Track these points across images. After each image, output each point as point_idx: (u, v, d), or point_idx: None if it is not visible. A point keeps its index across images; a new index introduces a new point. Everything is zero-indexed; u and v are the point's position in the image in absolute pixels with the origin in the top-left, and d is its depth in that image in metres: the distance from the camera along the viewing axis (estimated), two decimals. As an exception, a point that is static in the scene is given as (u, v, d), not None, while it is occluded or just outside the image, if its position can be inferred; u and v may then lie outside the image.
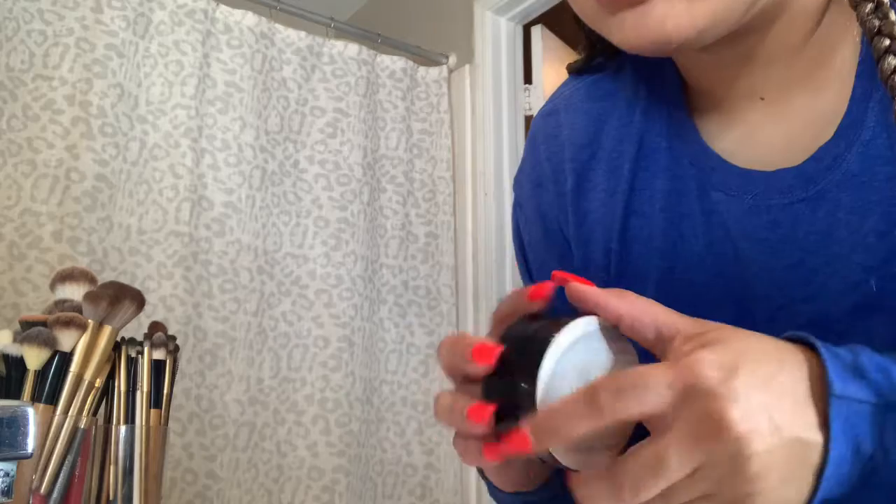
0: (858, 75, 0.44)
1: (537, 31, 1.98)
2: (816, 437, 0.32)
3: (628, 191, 0.53)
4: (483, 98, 1.93)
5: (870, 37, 0.40)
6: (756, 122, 0.49)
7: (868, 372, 0.33)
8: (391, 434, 1.77)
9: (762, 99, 0.48)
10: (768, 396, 0.32)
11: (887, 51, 0.39)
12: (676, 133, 0.52)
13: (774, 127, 0.48)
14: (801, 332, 0.35)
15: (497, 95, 1.93)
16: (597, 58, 0.60)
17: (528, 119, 1.98)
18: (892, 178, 0.42)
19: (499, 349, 0.38)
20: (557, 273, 0.40)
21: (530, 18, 1.99)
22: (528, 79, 2.00)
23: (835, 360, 0.33)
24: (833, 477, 0.32)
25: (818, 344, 0.34)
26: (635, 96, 0.55)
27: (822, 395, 0.32)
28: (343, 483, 1.63)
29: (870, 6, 0.40)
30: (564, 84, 0.62)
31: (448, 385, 0.43)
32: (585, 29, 0.57)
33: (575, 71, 0.61)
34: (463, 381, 0.41)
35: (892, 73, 0.39)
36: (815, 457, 0.32)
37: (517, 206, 0.63)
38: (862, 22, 0.40)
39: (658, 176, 0.52)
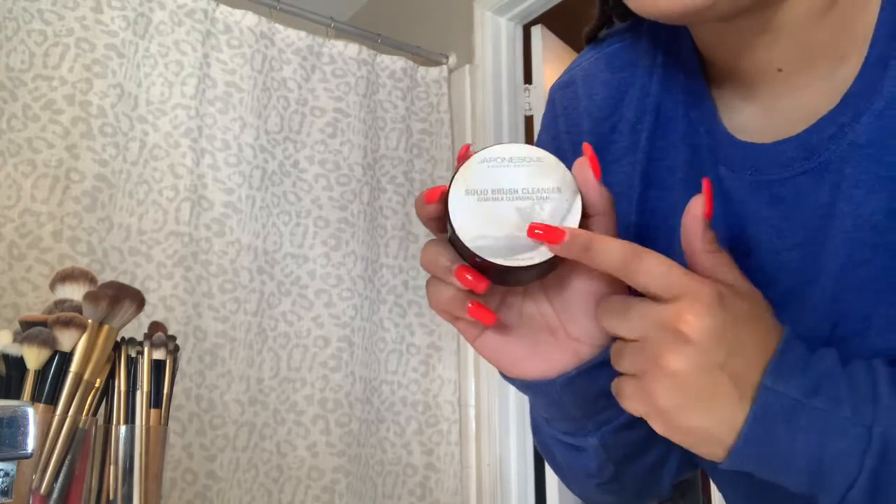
0: (874, 40, 0.42)
1: (537, 31, 1.98)
2: (741, 410, 0.37)
3: (645, 161, 0.52)
4: (483, 98, 1.93)
5: None
6: (774, 94, 0.47)
7: (810, 374, 0.37)
8: (391, 434, 1.77)
9: (780, 70, 0.46)
10: (734, 346, 0.37)
11: None
12: (693, 102, 0.50)
13: (792, 99, 0.46)
14: (782, 320, 0.39)
15: (497, 95, 1.93)
16: (610, 22, 0.58)
17: (528, 119, 1.98)
18: None
19: (443, 188, 0.40)
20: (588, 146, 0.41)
21: (530, 18, 1.99)
22: (528, 79, 2.00)
23: (786, 353, 0.37)
24: (739, 453, 0.37)
25: (785, 336, 0.38)
26: (653, 64, 0.53)
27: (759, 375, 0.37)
28: (343, 483, 1.63)
29: None
30: (582, 54, 0.60)
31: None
32: None
33: (590, 38, 0.59)
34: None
35: None
36: (734, 424, 0.37)
37: None
38: None
39: (677, 145, 0.50)
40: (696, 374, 0.36)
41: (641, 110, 0.53)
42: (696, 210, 0.39)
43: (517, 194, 0.40)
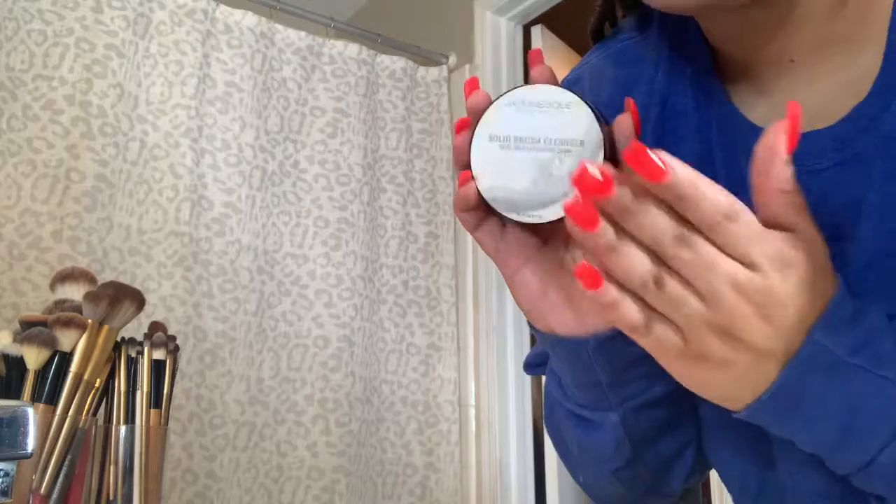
0: (892, 27, 0.41)
1: (537, 31, 1.98)
2: (779, 361, 0.35)
3: None
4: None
5: None
6: (786, 86, 0.46)
7: (856, 332, 0.36)
8: (391, 434, 1.77)
9: (792, 61, 0.45)
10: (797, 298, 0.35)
11: None
12: (705, 97, 0.49)
13: (806, 90, 0.45)
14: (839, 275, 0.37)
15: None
16: (612, 16, 0.57)
17: (528, 119, 1.97)
18: None
19: (469, 120, 0.40)
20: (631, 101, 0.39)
21: (530, 18, 1.99)
22: (527, 79, 2.00)
23: (835, 310, 0.35)
24: (763, 404, 0.36)
25: (839, 290, 0.36)
26: (658, 58, 0.52)
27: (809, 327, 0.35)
28: (343, 483, 1.63)
29: None
30: (591, 52, 0.59)
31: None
32: None
33: (595, 32, 0.59)
34: None
35: None
36: (769, 374, 0.35)
37: None
38: None
39: (686, 139, 0.49)
40: (758, 342, 0.34)
41: (647, 103, 0.52)
42: (775, 142, 0.33)
43: (539, 144, 0.38)
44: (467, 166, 0.40)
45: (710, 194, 0.33)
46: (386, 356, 1.80)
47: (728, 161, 0.47)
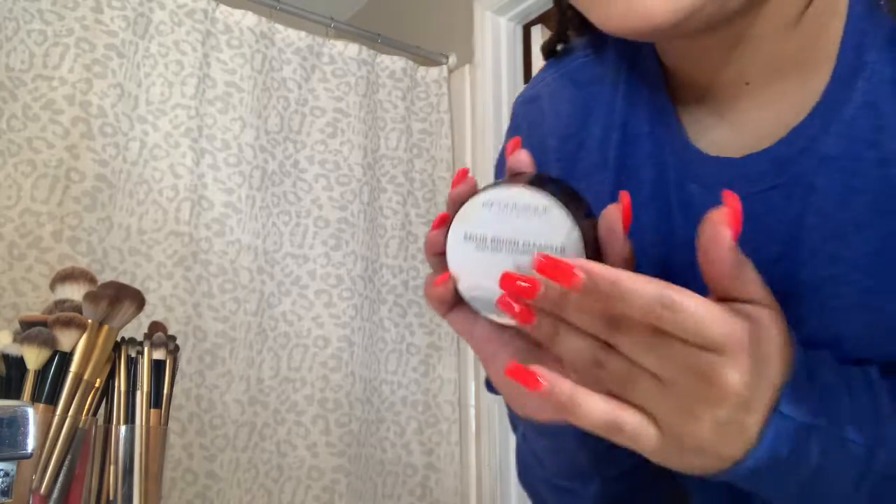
0: (842, 49, 0.41)
1: (537, 31, 1.98)
2: (753, 430, 0.34)
3: (615, 179, 0.50)
4: (483, 98, 1.93)
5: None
6: (742, 108, 0.46)
7: (815, 393, 0.36)
8: (391, 434, 1.77)
9: (747, 84, 0.45)
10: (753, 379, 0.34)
11: None
12: (659, 120, 0.49)
13: (762, 113, 0.45)
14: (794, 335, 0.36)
15: (497, 95, 1.93)
16: (568, 36, 0.56)
17: (528, 119, 1.98)
18: (878, 163, 0.39)
19: (447, 216, 0.39)
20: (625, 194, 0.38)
21: (530, 18, 1.99)
22: (528, 79, 2.00)
23: (797, 376, 0.35)
24: (743, 471, 0.35)
25: (796, 354, 0.35)
26: (617, 80, 0.52)
27: (774, 400, 0.34)
28: (343, 483, 1.63)
29: None
30: (545, 69, 0.58)
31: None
32: (562, 5, 0.55)
33: (550, 52, 0.58)
34: None
35: None
36: (745, 446, 0.34)
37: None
38: None
39: (644, 164, 0.49)
40: (722, 423, 0.34)
41: (608, 126, 0.51)
42: (721, 233, 0.33)
43: (517, 247, 0.37)
44: (441, 260, 0.39)
45: (635, 288, 0.32)
46: (386, 356, 1.80)
47: (678, 185, 0.47)
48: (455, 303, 0.40)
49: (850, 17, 0.41)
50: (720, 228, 0.33)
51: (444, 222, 0.38)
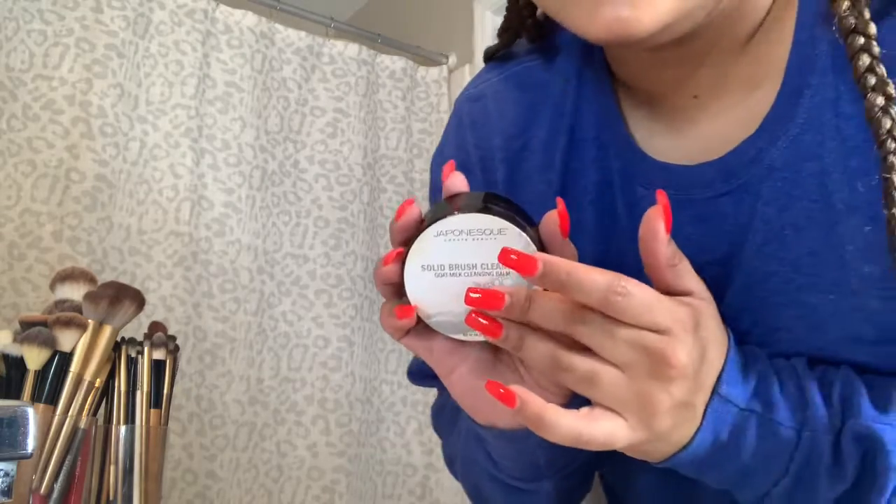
0: (788, 71, 0.44)
1: (537, 31, 1.98)
2: (699, 410, 0.39)
3: (560, 182, 0.52)
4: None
5: (845, 34, 0.40)
6: (688, 119, 0.48)
7: (749, 380, 0.40)
8: (391, 434, 1.77)
9: (695, 97, 0.48)
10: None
11: (861, 49, 0.39)
12: (605, 124, 0.51)
13: (708, 125, 0.47)
14: (728, 328, 0.41)
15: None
16: (518, 40, 0.58)
17: (528, 119, 1.98)
18: (818, 174, 0.42)
19: (400, 251, 0.40)
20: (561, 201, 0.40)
21: (530, 18, 1.99)
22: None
23: (732, 363, 0.40)
24: (689, 454, 0.39)
25: (730, 343, 0.40)
26: (566, 85, 0.53)
27: (714, 383, 0.39)
28: (343, 483, 1.63)
29: (846, 3, 0.40)
30: (487, 70, 0.60)
31: None
32: (521, 13, 0.56)
33: (491, 57, 0.59)
34: None
35: (864, 72, 0.38)
36: (688, 430, 0.39)
37: (436, 191, 0.60)
38: (838, 19, 0.40)
39: (588, 167, 0.51)
40: (679, 402, 0.37)
41: (555, 130, 0.53)
42: (657, 227, 0.37)
43: (476, 269, 0.38)
44: (394, 289, 0.41)
45: (588, 276, 0.35)
46: (386, 356, 1.80)
47: (625, 188, 0.49)
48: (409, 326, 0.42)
49: (795, 44, 0.44)
50: (656, 224, 0.37)
51: (398, 258, 0.39)
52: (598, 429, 0.37)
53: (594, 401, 0.38)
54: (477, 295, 0.37)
